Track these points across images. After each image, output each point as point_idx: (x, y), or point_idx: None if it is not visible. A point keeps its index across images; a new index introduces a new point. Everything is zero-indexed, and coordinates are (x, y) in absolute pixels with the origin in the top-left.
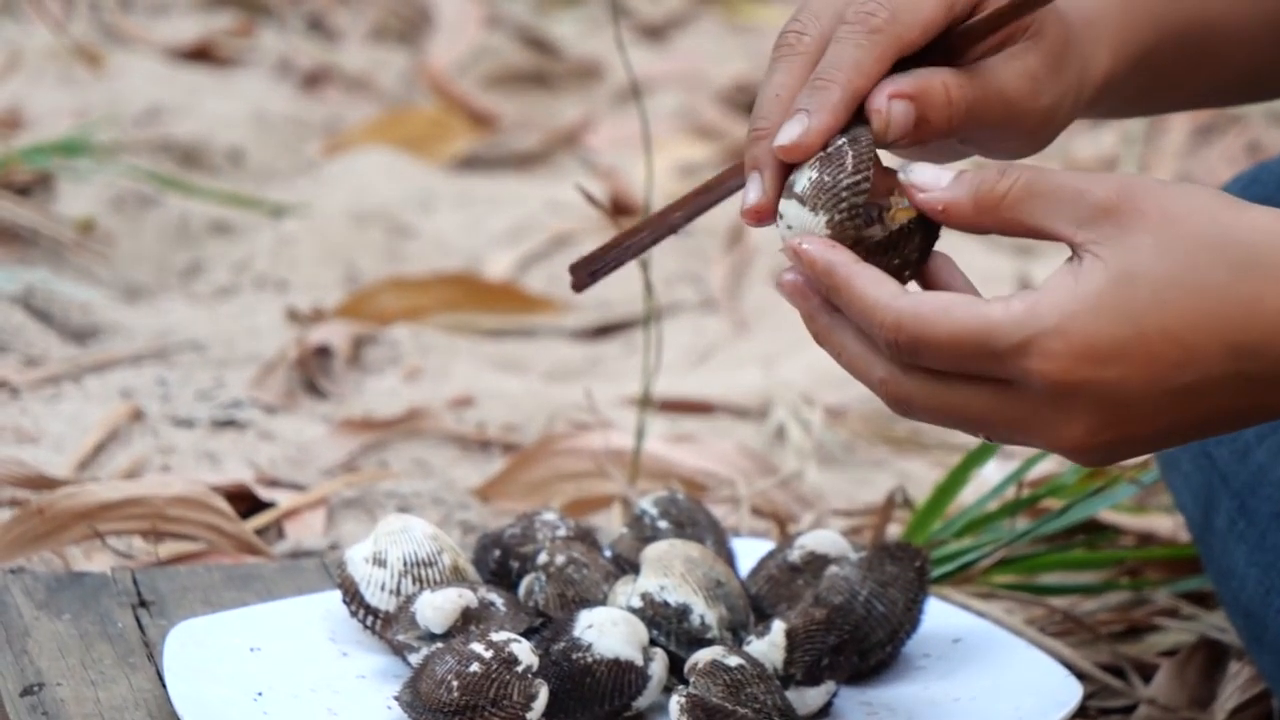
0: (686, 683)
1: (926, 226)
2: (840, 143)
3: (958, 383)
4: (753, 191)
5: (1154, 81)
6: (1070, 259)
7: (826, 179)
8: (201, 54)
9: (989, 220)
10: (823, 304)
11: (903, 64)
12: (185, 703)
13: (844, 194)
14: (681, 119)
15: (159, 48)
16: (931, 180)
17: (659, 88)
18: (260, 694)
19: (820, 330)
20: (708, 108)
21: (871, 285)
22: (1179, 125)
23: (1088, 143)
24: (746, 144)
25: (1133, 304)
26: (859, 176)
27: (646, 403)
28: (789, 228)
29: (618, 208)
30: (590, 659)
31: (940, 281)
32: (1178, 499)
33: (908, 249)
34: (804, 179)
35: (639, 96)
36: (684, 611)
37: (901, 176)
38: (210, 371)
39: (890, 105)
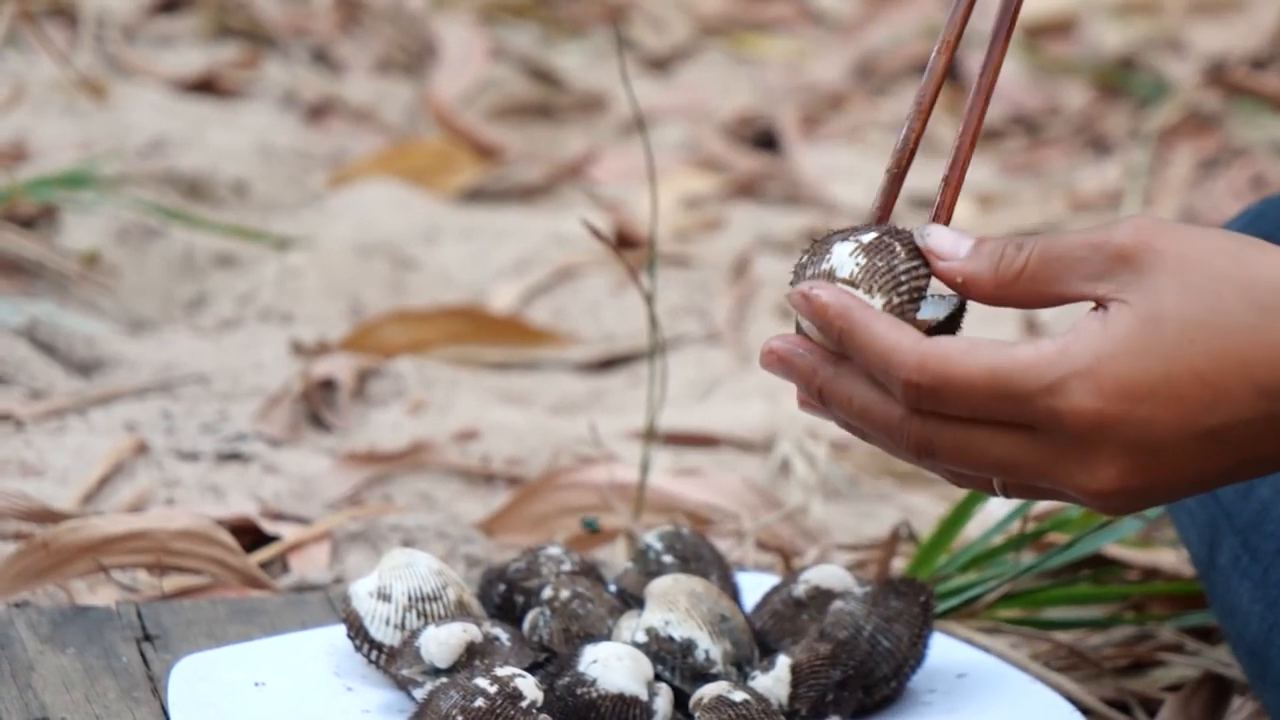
0: (691, 718)
1: (964, 302)
2: (876, 235)
3: (979, 429)
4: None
5: None
6: (1095, 309)
7: (880, 263)
8: (206, 86)
9: (1009, 294)
10: (824, 357)
11: None
12: None
13: (903, 278)
14: (686, 151)
15: (163, 80)
16: (950, 248)
17: (663, 120)
18: None
19: (824, 384)
20: (712, 140)
21: (891, 329)
22: (1183, 158)
23: (1092, 176)
24: None
25: (1161, 344)
26: (916, 262)
27: (651, 436)
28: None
29: (622, 240)
30: (595, 694)
31: None
32: (1183, 535)
33: (954, 329)
34: (848, 265)
35: (644, 129)
36: (689, 646)
37: (918, 240)
38: (215, 404)
39: None
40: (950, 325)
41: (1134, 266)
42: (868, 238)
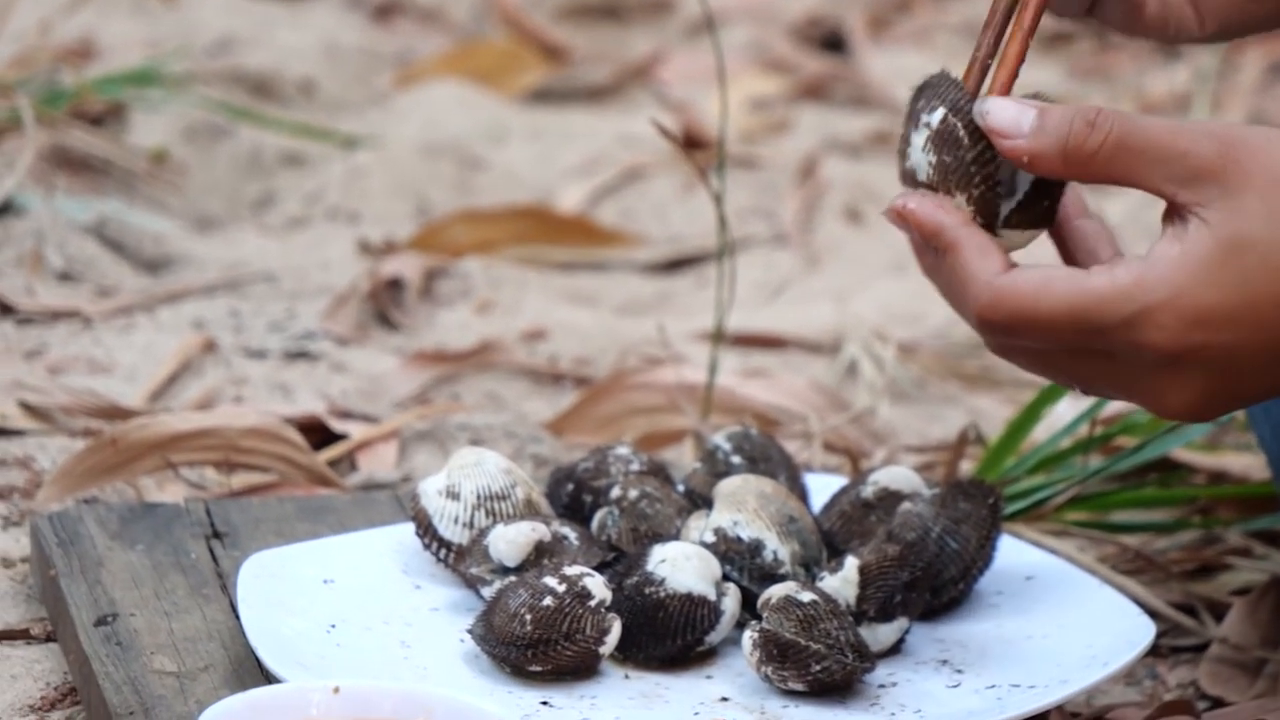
0: (759, 618)
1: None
2: (941, 114)
3: (1057, 352)
4: None
5: None
6: (1172, 217)
7: (948, 159)
8: None
9: (1078, 174)
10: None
11: None
12: (259, 634)
13: (973, 169)
14: (753, 53)
15: None
16: (1011, 125)
17: (730, 21)
18: (333, 626)
19: (927, 268)
20: (779, 41)
21: (975, 257)
22: (1253, 62)
23: (1161, 79)
24: None
25: (1242, 272)
26: (981, 145)
27: (719, 337)
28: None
29: (690, 141)
30: (663, 594)
31: (1077, 234)
32: (1257, 431)
33: (1054, 188)
34: (923, 165)
35: (713, 30)
36: (757, 547)
37: (978, 119)
38: (282, 303)
39: None
40: (1035, 198)
41: (1220, 183)
42: (936, 121)
